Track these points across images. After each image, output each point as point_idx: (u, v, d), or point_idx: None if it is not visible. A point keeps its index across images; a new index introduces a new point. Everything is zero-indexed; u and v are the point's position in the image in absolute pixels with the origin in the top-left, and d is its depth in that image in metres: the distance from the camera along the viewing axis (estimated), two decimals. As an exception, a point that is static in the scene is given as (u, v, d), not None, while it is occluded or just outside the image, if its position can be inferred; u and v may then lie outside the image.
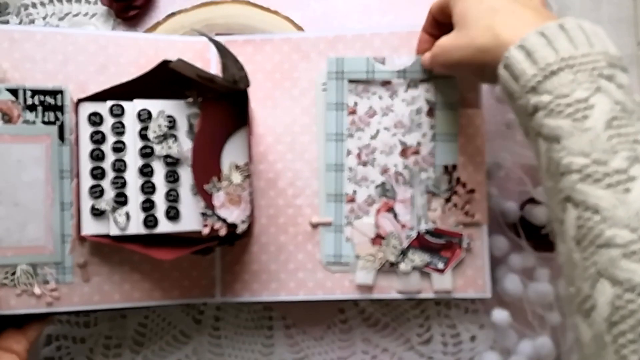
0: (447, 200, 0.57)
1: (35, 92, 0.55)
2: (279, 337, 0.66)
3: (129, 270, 0.57)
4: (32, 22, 0.65)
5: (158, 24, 0.64)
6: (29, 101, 0.55)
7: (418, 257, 0.57)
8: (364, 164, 0.58)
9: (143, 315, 0.65)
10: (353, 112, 0.58)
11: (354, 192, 0.58)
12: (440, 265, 0.57)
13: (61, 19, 0.65)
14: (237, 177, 0.52)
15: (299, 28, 0.64)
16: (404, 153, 0.58)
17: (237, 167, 0.53)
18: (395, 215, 0.58)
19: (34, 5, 0.65)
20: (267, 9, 0.65)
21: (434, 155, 0.57)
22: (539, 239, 0.62)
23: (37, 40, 0.56)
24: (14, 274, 0.55)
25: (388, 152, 0.58)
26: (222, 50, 0.48)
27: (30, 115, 0.55)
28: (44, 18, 0.65)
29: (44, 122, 0.55)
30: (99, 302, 0.56)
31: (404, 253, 0.57)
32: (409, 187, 0.58)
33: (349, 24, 0.65)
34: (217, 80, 0.51)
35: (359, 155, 0.58)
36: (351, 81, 0.58)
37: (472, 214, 0.57)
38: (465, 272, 0.57)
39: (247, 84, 0.50)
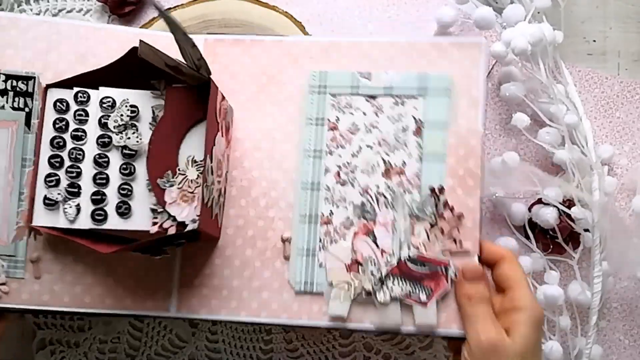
0: (433, 225, 0.50)
1: (8, 77, 0.53)
2: (277, 342, 0.64)
3: (82, 271, 0.53)
4: (25, 15, 0.65)
5: (154, 20, 0.62)
6: (1, 85, 0.53)
7: (398, 287, 0.50)
8: (343, 183, 0.53)
9: (139, 318, 0.63)
10: (334, 128, 0.53)
11: (331, 212, 0.52)
12: (423, 297, 0.50)
13: (55, 15, 0.65)
14: (192, 173, 0.48)
15: (298, 24, 0.60)
16: (387, 173, 0.52)
17: (194, 161, 0.48)
18: (374, 239, 0.51)
19: (27, 1, 0.65)
20: (266, 4, 0.62)
21: (420, 176, 0.51)
22: (549, 241, 0.61)
23: (21, 27, 0.55)
24: (-36, 264, 0.52)
25: (370, 171, 0.52)
26: (172, 24, 0.44)
27: (1, 100, 0.53)
28: (38, 14, 0.65)
29: (13, 108, 0.53)
30: (48, 302, 0.52)
31: (382, 281, 0.50)
32: (391, 209, 0.51)
33: (349, 20, 0.62)
34: (184, 69, 0.48)
35: (338, 174, 0.53)
36: (333, 95, 0.54)
37: (461, 242, 0.50)
38: (450, 306, 0.50)
39: (208, 71, 0.47)
